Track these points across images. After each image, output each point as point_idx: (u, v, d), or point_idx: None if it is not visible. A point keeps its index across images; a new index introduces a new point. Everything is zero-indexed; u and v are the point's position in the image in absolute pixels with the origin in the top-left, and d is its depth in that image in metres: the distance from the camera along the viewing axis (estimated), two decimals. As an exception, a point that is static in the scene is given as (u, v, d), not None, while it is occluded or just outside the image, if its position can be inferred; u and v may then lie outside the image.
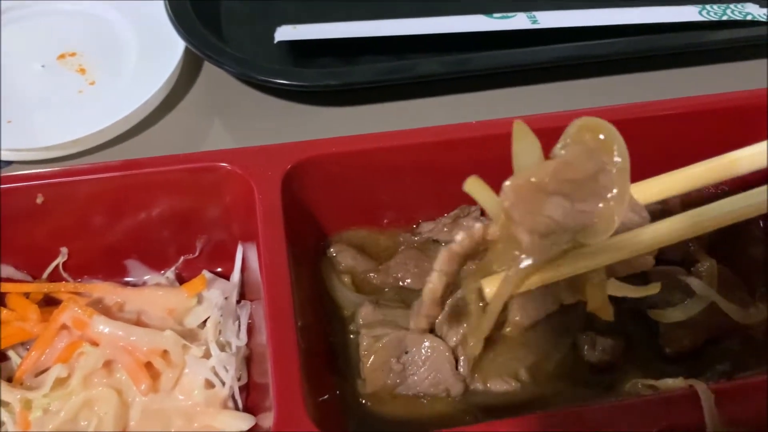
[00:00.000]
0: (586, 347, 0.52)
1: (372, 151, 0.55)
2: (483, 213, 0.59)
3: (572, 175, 0.39)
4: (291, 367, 0.44)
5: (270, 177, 0.51)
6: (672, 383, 0.48)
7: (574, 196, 0.39)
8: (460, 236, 0.42)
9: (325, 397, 0.48)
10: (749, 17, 0.73)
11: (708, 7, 0.73)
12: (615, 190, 0.40)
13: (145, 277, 0.57)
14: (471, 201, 0.59)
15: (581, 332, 0.53)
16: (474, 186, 0.41)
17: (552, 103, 0.70)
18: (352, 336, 0.53)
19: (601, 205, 0.39)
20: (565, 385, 0.52)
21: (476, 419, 0.50)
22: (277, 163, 0.52)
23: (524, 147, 0.41)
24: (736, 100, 0.59)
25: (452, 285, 0.44)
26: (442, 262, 0.43)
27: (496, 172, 0.57)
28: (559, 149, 0.41)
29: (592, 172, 0.39)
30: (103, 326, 0.49)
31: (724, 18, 0.73)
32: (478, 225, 0.41)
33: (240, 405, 0.51)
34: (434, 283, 0.44)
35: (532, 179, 0.39)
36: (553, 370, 0.53)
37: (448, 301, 0.50)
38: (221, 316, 0.52)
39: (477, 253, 0.43)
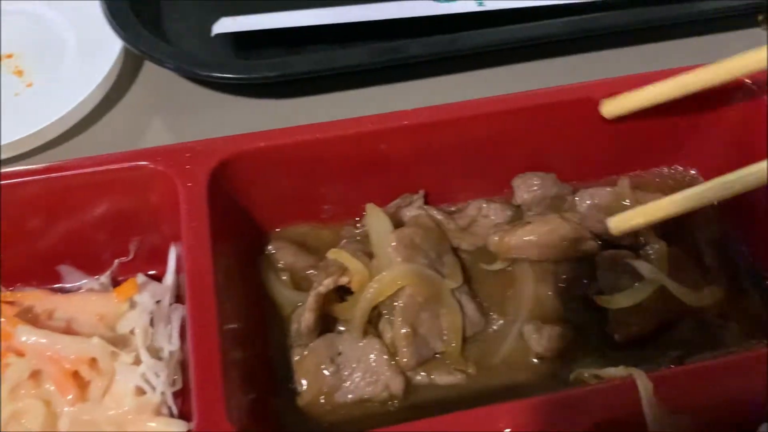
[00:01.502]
0: (533, 337, 0.51)
1: (308, 143, 0.53)
2: (426, 201, 0.57)
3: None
4: (213, 372, 0.42)
5: (195, 174, 0.49)
6: (614, 372, 0.46)
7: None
8: (326, 281, 0.50)
9: (257, 404, 0.46)
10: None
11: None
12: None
13: (82, 282, 0.55)
14: (413, 189, 0.58)
15: (527, 322, 0.51)
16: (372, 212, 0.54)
17: (498, 87, 0.68)
18: (289, 340, 0.51)
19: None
20: (512, 376, 0.51)
21: (422, 417, 0.49)
22: (203, 159, 0.50)
23: (377, 220, 0.53)
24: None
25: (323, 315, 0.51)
26: (311, 303, 0.50)
27: (435, 159, 0.56)
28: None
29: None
30: (27, 336, 0.48)
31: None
32: (335, 278, 0.51)
33: (174, 411, 0.49)
34: (307, 319, 0.49)
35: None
36: (499, 361, 0.51)
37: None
38: (152, 320, 0.51)
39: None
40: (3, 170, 0.51)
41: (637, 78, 0.55)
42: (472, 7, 0.67)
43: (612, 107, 0.54)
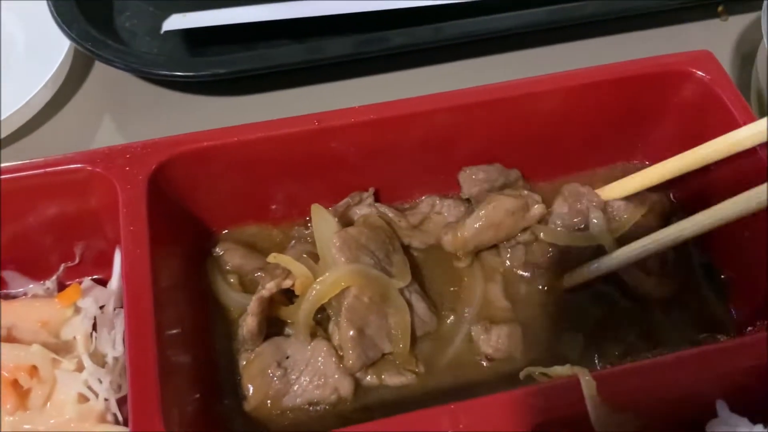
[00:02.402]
0: (481, 337, 0.50)
1: (253, 142, 0.52)
2: (376, 199, 0.57)
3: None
4: (149, 378, 0.41)
5: (134, 176, 0.48)
6: (561, 370, 0.46)
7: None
8: (269, 285, 0.49)
9: (201, 410, 0.46)
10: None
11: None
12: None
13: (27, 288, 0.54)
14: (362, 188, 0.57)
15: (475, 322, 0.51)
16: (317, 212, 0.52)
17: (448, 82, 0.67)
18: (236, 344, 0.51)
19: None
20: (463, 375, 0.50)
21: (372, 419, 0.48)
22: (142, 161, 0.49)
23: (322, 221, 0.52)
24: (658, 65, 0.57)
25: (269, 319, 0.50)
26: (253, 307, 0.49)
27: (386, 155, 0.55)
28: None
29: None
30: (-36, 345, 0.47)
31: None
32: (278, 281, 0.49)
33: (120, 417, 0.48)
34: (249, 324, 0.48)
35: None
36: (450, 361, 0.51)
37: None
38: (96, 325, 0.50)
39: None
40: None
41: (578, 73, 0.55)
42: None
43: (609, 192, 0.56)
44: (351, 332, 0.48)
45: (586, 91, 0.56)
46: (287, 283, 0.48)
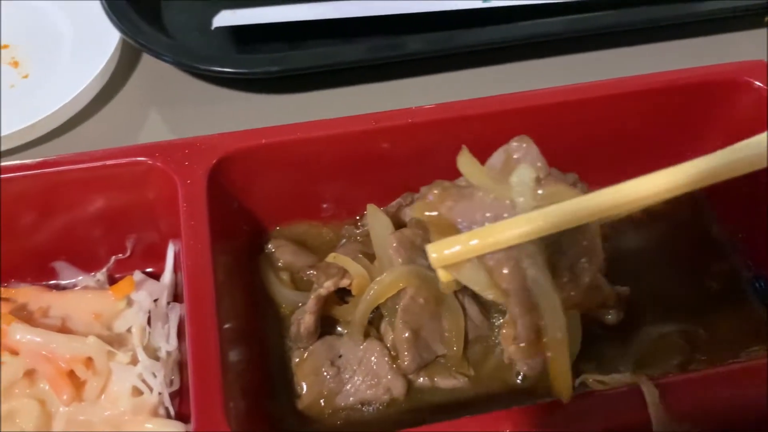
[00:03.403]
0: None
1: (309, 140, 0.52)
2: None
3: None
4: (212, 372, 0.41)
5: (194, 171, 0.48)
6: (620, 378, 0.46)
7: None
8: (327, 283, 0.49)
9: (254, 407, 0.46)
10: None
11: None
12: None
13: (77, 279, 0.54)
14: (414, 189, 0.57)
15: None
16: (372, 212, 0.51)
17: (499, 85, 0.67)
18: (288, 341, 0.51)
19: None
20: (513, 379, 0.50)
21: (423, 421, 0.48)
22: (202, 156, 0.49)
23: (377, 221, 0.51)
24: (711, 74, 0.57)
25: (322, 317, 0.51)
26: (311, 305, 0.49)
27: (441, 158, 0.55)
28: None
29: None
30: (21, 334, 0.47)
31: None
32: (335, 280, 0.50)
33: (172, 412, 0.48)
34: (307, 322, 0.49)
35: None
36: (501, 365, 0.51)
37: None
38: (150, 319, 0.50)
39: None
40: (-1, 164, 0.50)
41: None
42: (477, 3, 0.66)
43: None
44: (406, 333, 0.47)
45: (636, 99, 0.56)
46: (344, 283, 0.48)
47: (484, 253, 0.40)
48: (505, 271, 0.40)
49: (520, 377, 0.50)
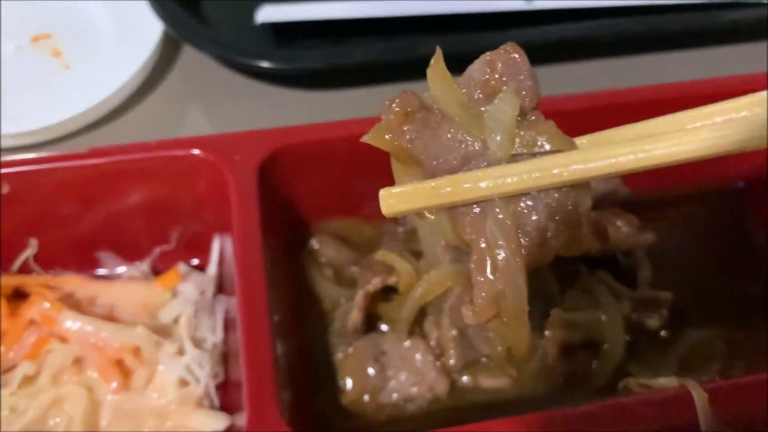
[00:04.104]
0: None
1: (354, 138, 0.52)
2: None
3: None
4: (265, 364, 0.42)
5: (246, 165, 0.49)
6: (665, 382, 0.46)
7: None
8: (375, 281, 0.49)
9: (301, 401, 0.46)
10: (752, -2, 0.70)
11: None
12: None
13: (119, 269, 0.55)
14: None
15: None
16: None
17: (545, 86, 0.67)
18: (331, 337, 0.51)
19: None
20: (554, 380, 0.51)
21: (465, 420, 0.48)
22: (253, 150, 0.50)
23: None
24: (735, 84, 0.57)
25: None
26: (359, 301, 0.49)
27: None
28: None
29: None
30: (71, 322, 0.47)
31: (725, -1, 0.70)
32: (383, 277, 0.50)
33: (216, 403, 0.49)
34: (354, 318, 0.49)
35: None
36: (542, 366, 0.51)
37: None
38: (196, 311, 0.50)
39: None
40: (46, 153, 0.51)
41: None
42: (521, 5, 0.66)
43: None
44: (453, 332, 0.48)
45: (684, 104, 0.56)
46: (392, 280, 0.49)
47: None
48: (467, 219, 0.34)
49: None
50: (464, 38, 0.65)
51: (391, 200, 0.35)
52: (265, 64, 0.63)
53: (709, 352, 0.52)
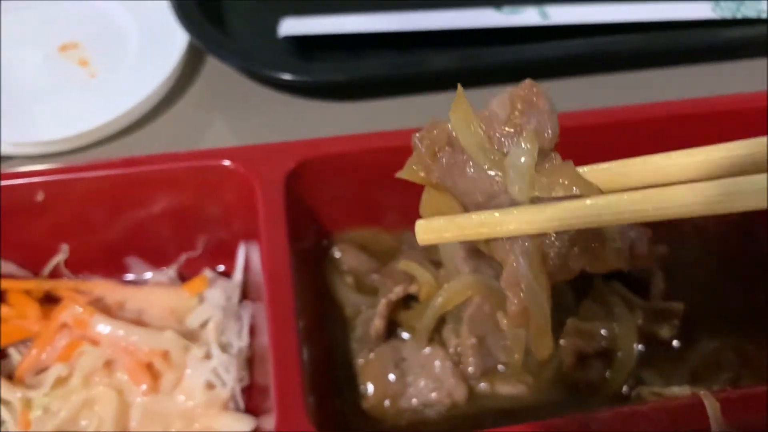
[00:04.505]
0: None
1: (376, 150, 0.54)
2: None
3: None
4: (292, 368, 0.43)
5: (273, 176, 0.50)
6: (678, 391, 0.47)
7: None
8: (397, 289, 0.51)
9: (325, 405, 0.47)
10: (763, 15, 0.72)
11: (722, 3, 0.72)
12: None
13: (146, 275, 0.56)
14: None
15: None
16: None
17: (561, 99, 0.68)
18: (353, 343, 0.52)
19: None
20: (566, 389, 0.52)
21: (483, 425, 0.50)
22: (280, 161, 0.51)
23: None
24: (744, 101, 0.58)
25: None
26: (381, 310, 0.51)
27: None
28: None
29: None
30: (103, 326, 0.49)
31: (738, 15, 0.71)
32: (404, 286, 0.51)
33: (241, 406, 0.50)
34: (377, 326, 0.51)
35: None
36: (558, 373, 0.52)
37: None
38: (222, 316, 0.52)
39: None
40: (79, 162, 0.52)
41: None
42: (536, 19, 0.68)
43: None
44: (473, 340, 0.49)
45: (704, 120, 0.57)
46: (413, 289, 0.50)
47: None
48: (497, 243, 0.36)
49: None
50: (479, 52, 0.67)
51: (425, 234, 0.39)
52: (287, 76, 0.64)
53: (720, 362, 0.53)
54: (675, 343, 0.53)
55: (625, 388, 0.51)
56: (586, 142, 0.54)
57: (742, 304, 0.57)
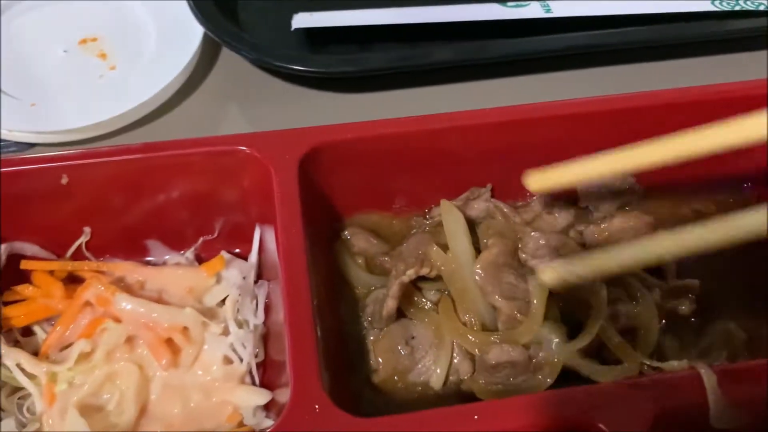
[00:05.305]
0: None
1: (386, 137, 0.56)
2: (492, 195, 0.60)
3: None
4: (307, 343, 0.45)
5: (287, 161, 0.52)
6: (676, 365, 0.49)
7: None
8: (410, 272, 0.52)
9: (339, 378, 0.49)
10: (762, 7, 0.73)
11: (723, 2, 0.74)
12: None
13: (165, 257, 0.58)
14: (481, 183, 0.60)
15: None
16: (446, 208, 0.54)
17: (564, 91, 0.71)
18: (363, 321, 0.54)
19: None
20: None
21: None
22: (294, 147, 0.53)
23: (451, 216, 0.55)
24: (745, 89, 0.60)
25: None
26: (394, 291, 0.52)
27: (506, 157, 0.59)
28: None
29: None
30: (125, 303, 0.51)
31: (737, 8, 0.73)
32: (417, 268, 0.53)
33: (257, 380, 0.52)
34: (389, 306, 0.52)
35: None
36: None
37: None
38: (239, 295, 0.54)
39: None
40: (101, 147, 0.55)
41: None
42: (540, 13, 0.70)
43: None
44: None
45: (697, 109, 0.59)
46: (425, 271, 0.52)
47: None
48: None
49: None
50: (484, 44, 0.69)
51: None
52: (300, 68, 0.66)
53: (733, 341, 0.54)
54: (694, 320, 0.55)
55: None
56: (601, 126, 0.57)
57: (758, 284, 0.58)
